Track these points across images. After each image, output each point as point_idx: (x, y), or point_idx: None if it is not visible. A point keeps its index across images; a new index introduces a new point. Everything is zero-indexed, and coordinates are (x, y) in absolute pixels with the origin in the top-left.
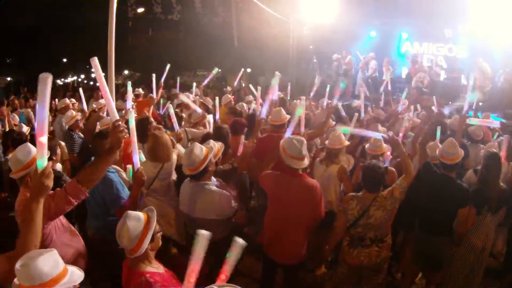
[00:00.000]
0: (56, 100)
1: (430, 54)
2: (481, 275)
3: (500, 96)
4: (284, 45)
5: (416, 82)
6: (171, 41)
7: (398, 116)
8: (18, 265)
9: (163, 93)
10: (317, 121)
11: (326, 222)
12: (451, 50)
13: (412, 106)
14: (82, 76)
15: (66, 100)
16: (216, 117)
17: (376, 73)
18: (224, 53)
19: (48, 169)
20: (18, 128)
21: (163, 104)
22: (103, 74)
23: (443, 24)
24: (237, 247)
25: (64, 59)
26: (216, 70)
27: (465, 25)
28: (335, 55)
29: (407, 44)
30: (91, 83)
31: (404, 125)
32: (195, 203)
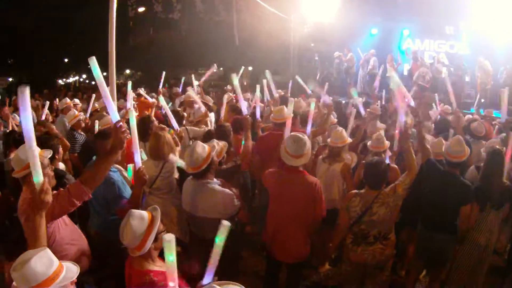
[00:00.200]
0: (57, 100)
1: (431, 51)
2: (484, 272)
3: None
4: (285, 43)
5: (418, 77)
6: (171, 40)
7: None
8: (13, 268)
9: (164, 92)
10: (318, 119)
11: (330, 220)
12: (452, 47)
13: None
14: (84, 76)
15: (67, 100)
16: (221, 115)
17: (376, 70)
18: (225, 51)
19: (45, 186)
20: (20, 128)
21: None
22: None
23: (444, 21)
24: (224, 230)
25: (65, 59)
26: (214, 66)
27: (466, 22)
28: (336, 52)
29: (408, 41)
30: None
31: (400, 120)
32: (197, 201)
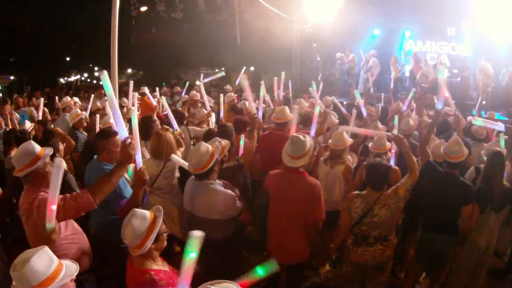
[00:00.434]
0: (57, 98)
1: (433, 52)
2: (485, 274)
3: (505, 95)
4: (287, 43)
5: (421, 77)
6: (174, 39)
7: (401, 114)
8: (12, 268)
9: (166, 92)
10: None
11: (331, 221)
12: (454, 48)
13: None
14: (86, 74)
15: (68, 99)
16: (220, 115)
17: (374, 70)
18: (227, 51)
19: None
20: (22, 125)
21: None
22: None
23: (446, 22)
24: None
25: (67, 58)
26: (222, 73)
27: (468, 23)
28: (338, 53)
29: (410, 42)
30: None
31: (395, 123)
32: (199, 202)
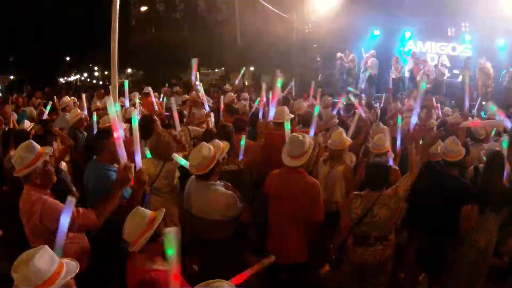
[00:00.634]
0: (55, 98)
1: (433, 53)
2: (485, 274)
3: (505, 95)
4: (288, 43)
5: (423, 77)
6: (174, 39)
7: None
8: (13, 269)
9: (165, 92)
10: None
11: (331, 221)
12: (454, 49)
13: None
14: (85, 74)
15: (67, 98)
16: (221, 116)
17: (371, 70)
18: (227, 51)
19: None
20: (21, 125)
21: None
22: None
23: (446, 23)
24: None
25: (67, 58)
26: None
27: (468, 23)
28: (338, 53)
29: (410, 42)
30: (94, 81)
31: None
32: (200, 202)
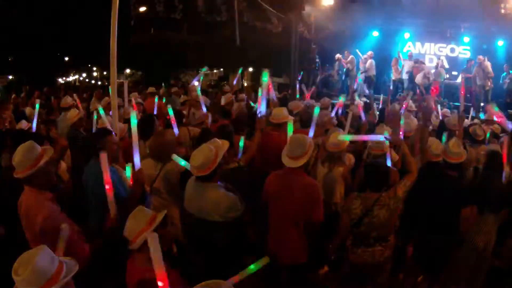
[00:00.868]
0: (52, 98)
1: (432, 54)
2: (484, 274)
3: (505, 97)
4: (287, 44)
5: (423, 78)
6: (173, 40)
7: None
8: (14, 272)
9: (163, 92)
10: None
11: (330, 222)
12: (453, 50)
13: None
14: (84, 74)
15: (68, 98)
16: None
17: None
18: (226, 52)
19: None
20: (19, 125)
21: (165, 103)
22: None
23: (445, 24)
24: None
25: (66, 58)
26: (205, 69)
27: (467, 24)
28: (337, 55)
29: (409, 44)
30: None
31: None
32: (200, 203)
